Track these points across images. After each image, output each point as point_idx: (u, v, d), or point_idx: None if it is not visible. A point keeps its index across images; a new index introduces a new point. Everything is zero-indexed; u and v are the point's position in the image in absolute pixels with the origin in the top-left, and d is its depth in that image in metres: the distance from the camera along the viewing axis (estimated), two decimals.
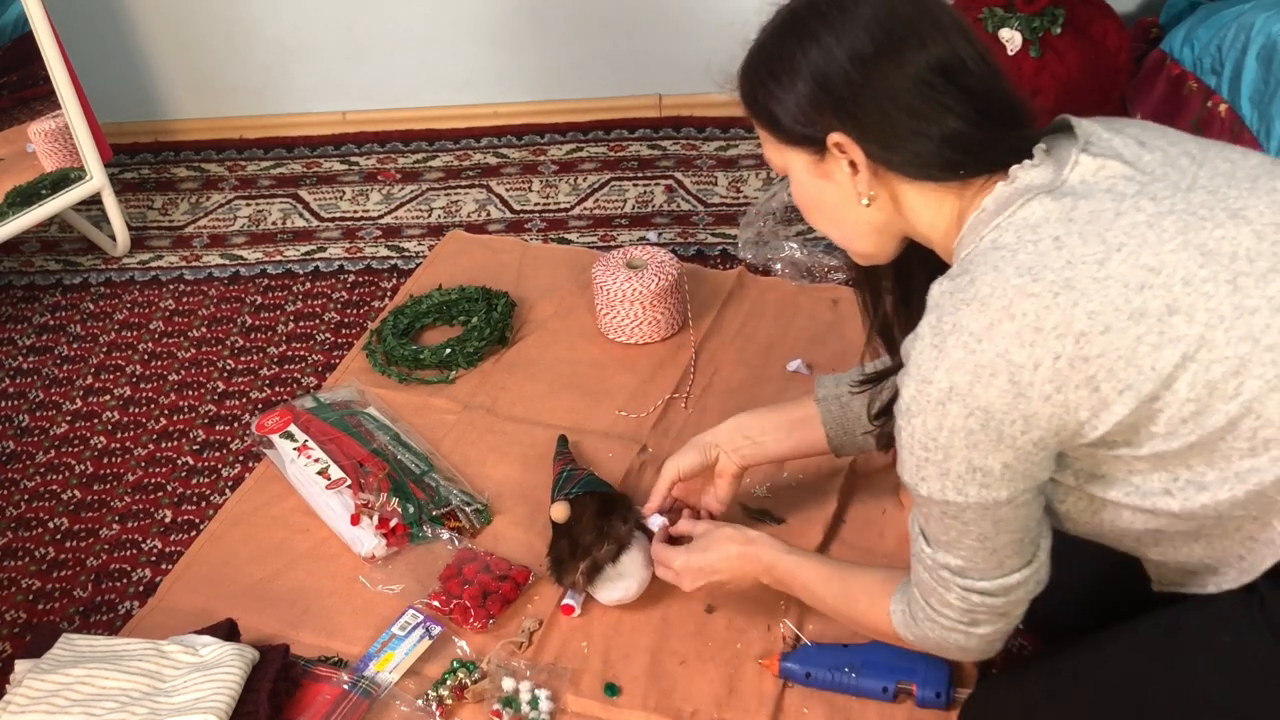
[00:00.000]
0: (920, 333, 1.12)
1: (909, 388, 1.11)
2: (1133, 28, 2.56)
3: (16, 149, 2.36)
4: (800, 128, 1.19)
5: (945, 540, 1.17)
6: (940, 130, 1.13)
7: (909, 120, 1.14)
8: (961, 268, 1.12)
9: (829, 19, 1.16)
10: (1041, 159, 1.14)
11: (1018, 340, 1.05)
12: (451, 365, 2.05)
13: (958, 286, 1.10)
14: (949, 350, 1.08)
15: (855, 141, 1.16)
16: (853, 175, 1.19)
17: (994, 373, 1.06)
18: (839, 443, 1.59)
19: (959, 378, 1.07)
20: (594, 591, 1.59)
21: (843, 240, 1.28)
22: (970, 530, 1.14)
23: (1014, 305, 1.06)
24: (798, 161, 1.22)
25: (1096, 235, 1.07)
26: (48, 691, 1.47)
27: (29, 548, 1.89)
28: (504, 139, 2.83)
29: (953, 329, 1.08)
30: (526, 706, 1.49)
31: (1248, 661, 1.12)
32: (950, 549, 1.17)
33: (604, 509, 1.61)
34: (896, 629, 1.30)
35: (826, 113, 1.16)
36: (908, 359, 1.13)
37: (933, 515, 1.16)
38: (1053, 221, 1.09)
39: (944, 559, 1.18)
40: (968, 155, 1.15)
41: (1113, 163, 1.11)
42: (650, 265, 2.07)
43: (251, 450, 2.00)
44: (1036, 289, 1.06)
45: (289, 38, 2.82)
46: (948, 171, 1.16)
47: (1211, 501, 1.08)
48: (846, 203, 1.22)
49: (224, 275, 2.47)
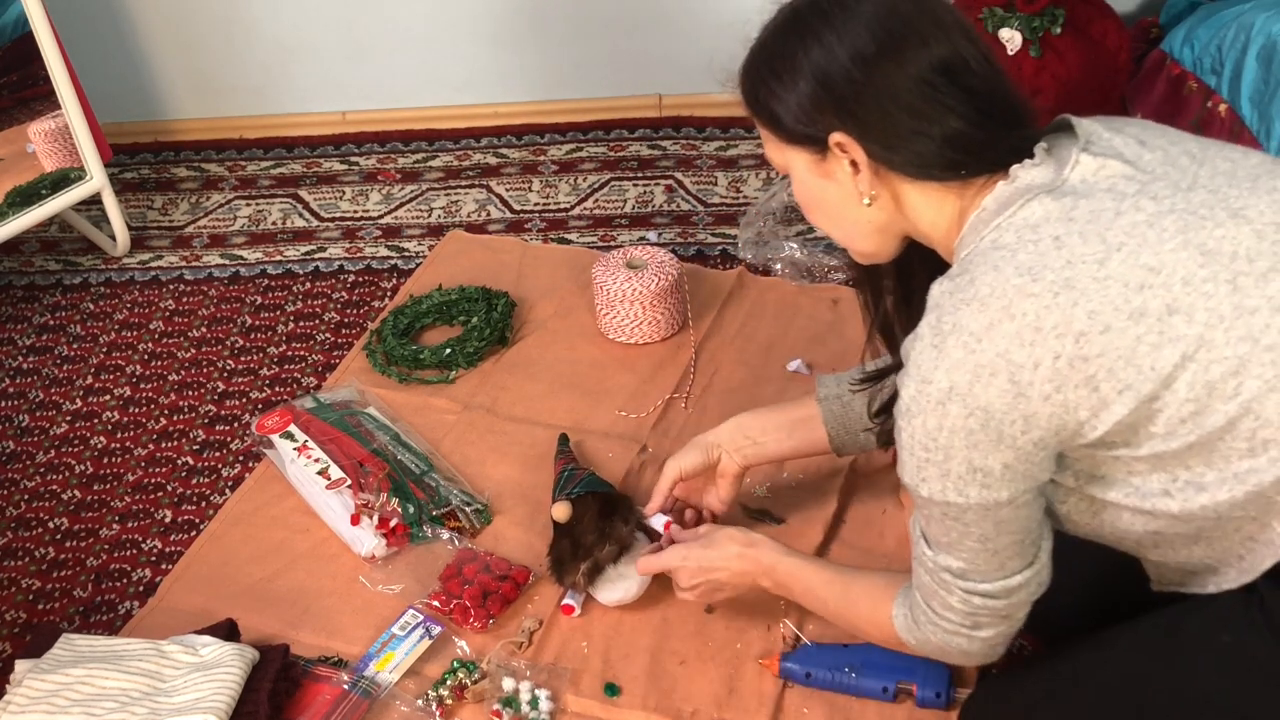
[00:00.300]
0: (920, 333, 1.12)
1: (909, 388, 1.11)
2: (1133, 28, 2.56)
3: (16, 149, 2.36)
4: (802, 127, 1.19)
5: (946, 542, 1.17)
6: (942, 130, 1.13)
7: (910, 120, 1.14)
8: (961, 267, 1.12)
9: (831, 18, 1.16)
10: (1042, 158, 1.14)
11: (1018, 340, 1.05)
12: (451, 365, 2.05)
13: (958, 286, 1.10)
14: (949, 350, 1.08)
15: (856, 141, 1.16)
16: (854, 175, 1.19)
17: (994, 372, 1.06)
18: (841, 442, 1.59)
19: (959, 377, 1.07)
20: (595, 592, 1.59)
21: (844, 239, 1.28)
22: (971, 532, 1.14)
23: (1014, 305, 1.06)
24: (799, 161, 1.22)
25: (1097, 235, 1.07)
26: (48, 691, 1.47)
27: (29, 548, 1.90)
28: (504, 139, 2.83)
29: (953, 329, 1.08)
30: (526, 706, 1.49)
31: (1248, 661, 1.12)
32: (951, 551, 1.17)
33: (605, 509, 1.61)
34: (899, 633, 1.30)
35: (828, 112, 1.16)
36: (908, 359, 1.13)
37: (934, 517, 1.16)
38: (1053, 221, 1.09)
39: (945, 561, 1.18)
40: (969, 155, 1.15)
41: (1113, 162, 1.11)
42: (650, 265, 2.07)
43: (251, 450, 2.00)
44: (1036, 289, 1.06)
45: (289, 38, 2.82)
46: (949, 171, 1.16)
47: (1210, 502, 1.08)
48: (848, 202, 1.22)
49: (224, 275, 2.47)
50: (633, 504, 1.65)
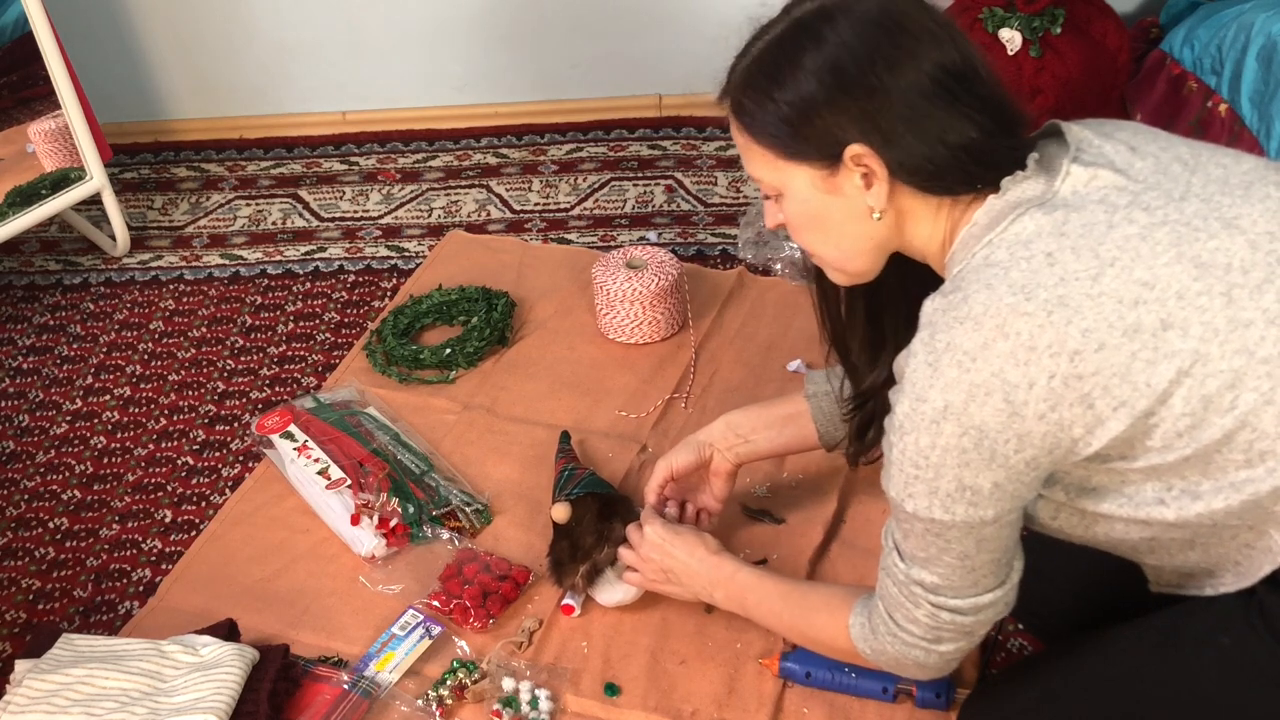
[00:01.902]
0: (914, 349, 1.10)
1: (903, 404, 1.10)
2: (1133, 28, 2.56)
3: (16, 149, 2.36)
4: (813, 140, 1.14)
5: (923, 557, 1.15)
6: (959, 139, 1.11)
7: (933, 128, 1.10)
8: (954, 284, 1.11)
9: (837, 24, 1.12)
10: (1033, 170, 1.11)
11: (1012, 359, 1.04)
12: (451, 365, 2.05)
13: (950, 304, 1.08)
14: (943, 369, 1.06)
15: (876, 152, 1.12)
16: (864, 189, 1.15)
17: (989, 392, 1.05)
18: (829, 438, 1.59)
19: (954, 396, 1.06)
20: (594, 594, 1.59)
21: (838, 259, 1.24)
22: (952, 548, 1.13)
23: (1008, 324, 1.04)
24: (801, 178, 1.17)
25: (1089, 250, 1.05)
26: (48, 691, 1.47)
27: (29, 548, 1.90)
28: (504, 139, 2.83)
29: (946, 347, 1.07)
30: (526, 706, 1.49)
31: (1246, 664, 1.12)
32: (927, 566, 1.15)
33: (605, 511, 1.61)
34: (854, 642, 1.28)
35: (845, 122, 1.12)
36: (901, 374, 1.12)
37: (914, 532, 1.14)
38: (1044, 237, 1.07)
39: (919, 575, 1.16)
40: (982, 166, 1.12)
41: (1104, 172, 1.10)
42: (650, 265, 2.07)
43: (251, 450, 2.00)
44: (1030, 308, 1.04)
45: (289, 38, 2.82)
46: (963, 184, 1.13)
47: (1206, 510, 1.08)
48: (853, 218, 1.18)
49: (224, 275, 2.47)
50: (632, 505, 1.65)
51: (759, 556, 1.66)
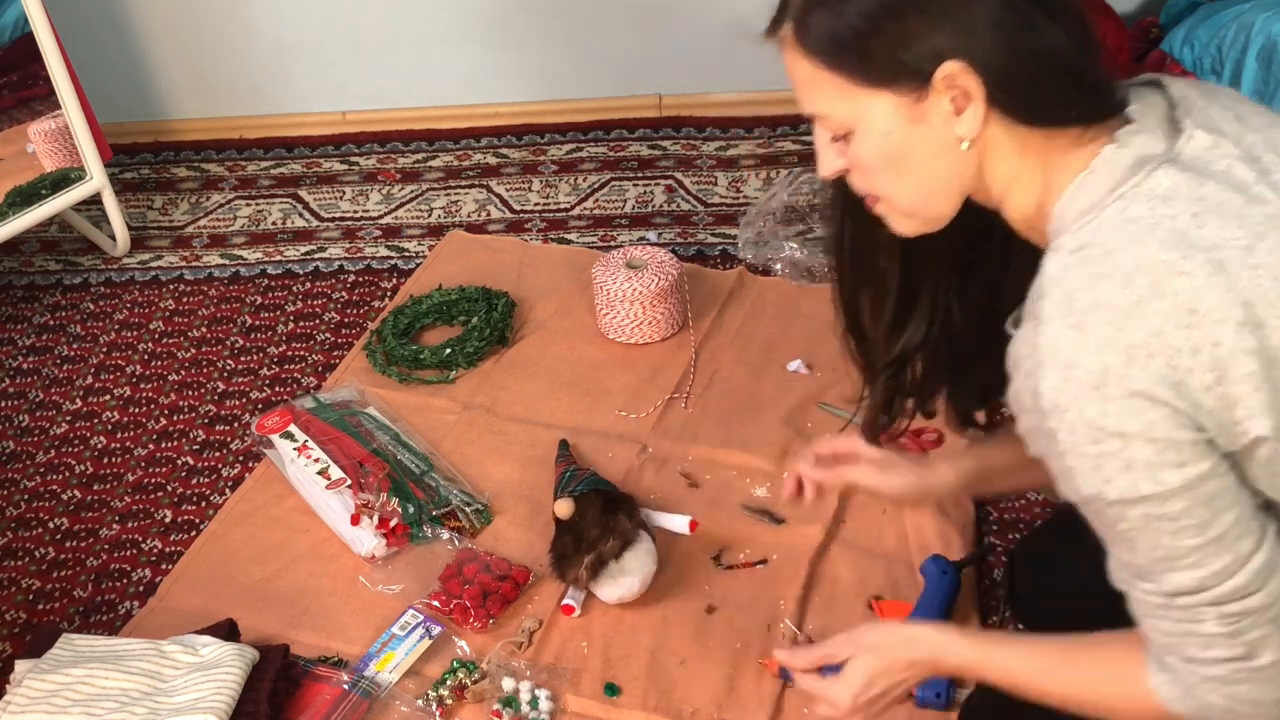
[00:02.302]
0: (1044, 315, 0.97)
1: (1048, 380, 0.96)
2: (1133, 28, 2.56)
3: (16, 149, 2.36)
4: (901, 57, 1.00)
5: (1162, 556, 0.99)
6: (1058, 53, 0.99)
7: (1032, 40, 0.98)
8: (1080, 240, 0.99)
9: None
10: (1150, 122, 1.02)
11: (1173, 321, 0.93)
12: (451, 365, 2.05)
13: (1086, 259, 0.97)
14: (1092, 328, 0.95)
15: (973, 67, 0.99)
16: (954, 116, 1.02)
17: (1150, 354, 0.93)
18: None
19: (1111, 358, 0.94)
20: (596, 589, 1.59)
21: (913, 202, 1.09)
22: (1184, 526, 0.97)
23: (1164, 283, 0.93)
24: (883, 106, 1.03)
25: (1235, 218, 0.95)
26: (48, 691, 1.47)
27: (29, 548, 1.89)
28: (504, 139, 2.83)
29: (1093, 306, 0.95)
30: (526, 706, 1.49)
31: None
32: (1174, 564, 0.99)
33: (609, 506, 1.61)
34: (1165, 704, 1.05)
35: (937, 32, 0.99)
36: (1025, 354, 0.99)
37: (1135, 527, 0.98)
38: (1183, 198, 0.97)
39: (1174, 583, 0.99)
40: (1080, 91, 1.01)
41: (1225, 142, 1.00)
42: (650, 265, 2.07)
43: (251, 450, 2.00)
44: (1188, 267, 0.93)
45: (289, 38, 2.82)
46: (1060, 109, 1.01)
47: None
48: (940, 150, 1.04)
49: (224, 275, 2.47)
50: (635, 502, 1.65)
51: (759, 557, 1.66)
